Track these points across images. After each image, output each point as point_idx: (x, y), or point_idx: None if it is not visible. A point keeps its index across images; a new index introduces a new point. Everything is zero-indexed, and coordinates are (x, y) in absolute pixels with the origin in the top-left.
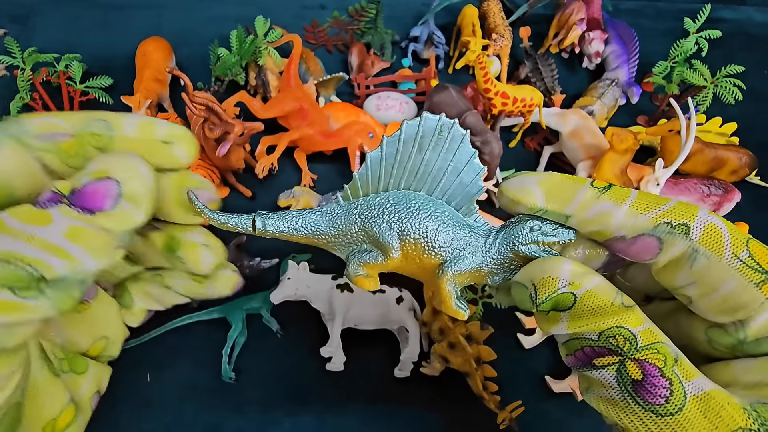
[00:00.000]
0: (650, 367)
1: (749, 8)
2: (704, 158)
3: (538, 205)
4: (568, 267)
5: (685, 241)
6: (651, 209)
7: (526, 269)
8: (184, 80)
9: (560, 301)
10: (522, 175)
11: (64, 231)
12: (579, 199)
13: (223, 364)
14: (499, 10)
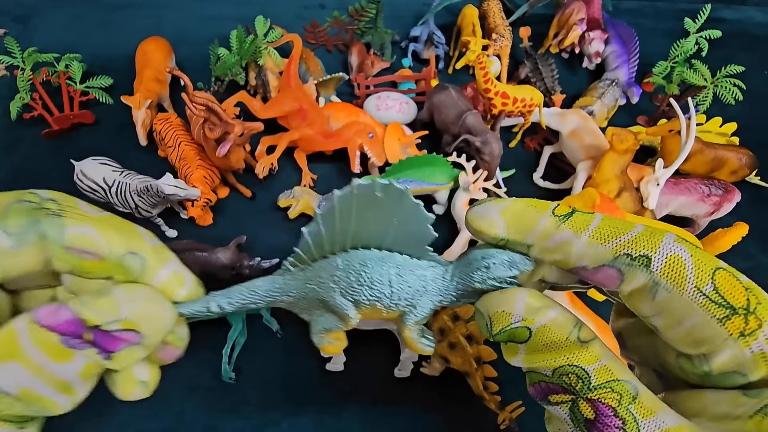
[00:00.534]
0: (603, 407)
1: (749, 8)
2: (704, 158)
3: (500, 235)
4: (523, 302)
5: (645, 273)
6: (611, 239)
7: (483, 300)
8: (184, 80)
9: (515, 334)
10: (485, 204)
11: (80, 370)
12: (539, 228)
13: (223, 365)
14: (499, 10)
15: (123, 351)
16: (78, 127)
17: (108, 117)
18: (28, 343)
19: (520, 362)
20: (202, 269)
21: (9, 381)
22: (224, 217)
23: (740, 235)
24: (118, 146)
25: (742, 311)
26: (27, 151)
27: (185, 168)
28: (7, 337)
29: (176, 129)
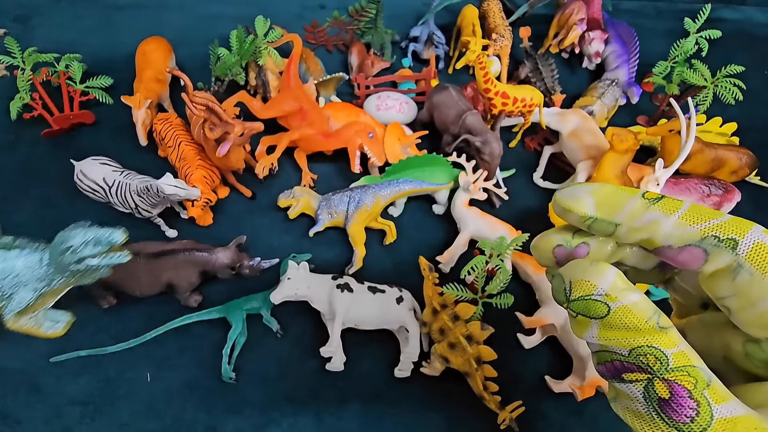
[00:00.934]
0: (679, 388)
1: (749, 8)
2: (704, 158)
3: (588, 213)
4: (610, 279)
5: (731, 255)
6: (700, 222)
7: (568, 266)
8: (184, 80)
9: (591, 307)
10: (574, 186)
11: None
12: (629, 208)
13: (224, 364)
14: (499, 10)
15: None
16: (78, 127)
17: (108, 117)
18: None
19: (593, 337)
20: (203, 269)
21: None
22: (224, 217)
23: None
24: (118, 146)
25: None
26: (27, 150)
27: (185, 168)
28: None
29: (176, 129)
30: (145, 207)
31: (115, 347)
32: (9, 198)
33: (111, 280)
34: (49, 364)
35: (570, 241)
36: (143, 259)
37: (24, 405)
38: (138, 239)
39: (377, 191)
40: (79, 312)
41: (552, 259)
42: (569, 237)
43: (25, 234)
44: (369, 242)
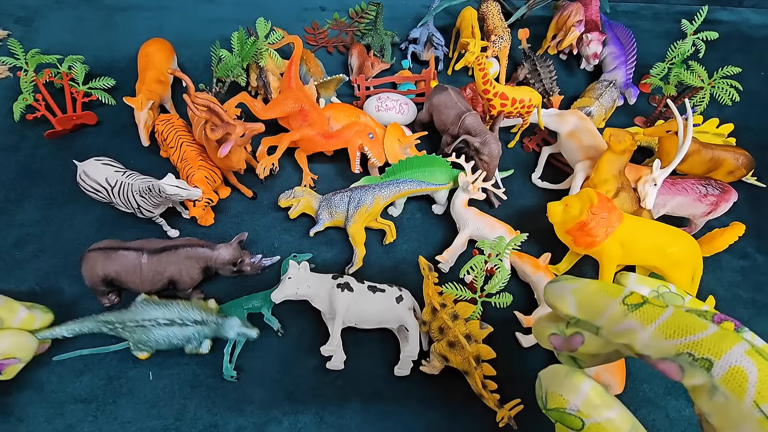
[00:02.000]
0: None
1: (746, 10)
2: (701, 159)
3: (571, 314)
4: (584, 394)
5: (705, 376)
6: (677, 336)
7: (546, 372)
8: (186, 81)
9: (567, 420)
10: (561, 282)
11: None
12: (608, 313)
13: (225, 363)
14: (497, 12)
15: (8, 368)
16: (80, 128)
17: (110, 118)
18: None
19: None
20: (205, 265)
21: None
22: (225, 217)
23: (737, 234)
24: (121, 147)
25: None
26: (30, 151)
27: (187, 168)
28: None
29: (178, 130)
30: (147, 207)
31: (117, 346)
32: (12, 198)
33: (114, 276)
34: (52, 362)
35: (564, 330)
36: (146, 255)
37: (27, 403)
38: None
39: (377, 191)
40: (80, 310)
41: (550, 345)
42: (563, 327)
43: (28, 233)
44: (369, 242)
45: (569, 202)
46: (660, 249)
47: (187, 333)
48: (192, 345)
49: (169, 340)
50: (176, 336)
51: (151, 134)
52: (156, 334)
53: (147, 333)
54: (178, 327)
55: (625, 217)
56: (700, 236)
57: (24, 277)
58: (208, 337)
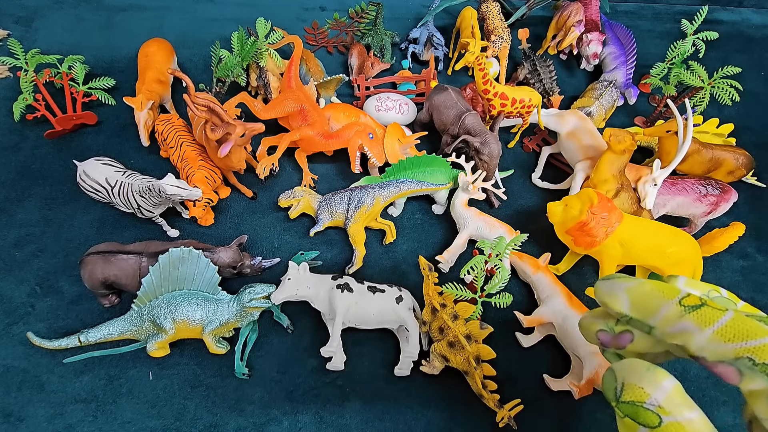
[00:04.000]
0: None
1: (746, 10)
2: (701, 159)
3: (624, 312)
4: (667, 390)
5: (766, 381)
6: (737, 340)
7: (624, 366)
8: (186, 81)
9: (642, 415)
10: (615, 280)
11: None
12: (663, 313)
13: (236, 360)
14: (497, 12)
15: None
16: (80, 128)
17: (110, 118)
18: None
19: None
20: None
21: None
22: (225, 217)
23: (737, 234)
24: (121, 147)
25: None
26: (30, 151)
27: (187, 168)
28: None
29: (178, 130)
30: (147, 207)
31: (128, 347)
32: (12, 198)
33: (113, 279)
34: (53, 362)
35: (613, 327)
36: (145, 259)
37: (27, 403)
38: (140, 239)
39: (377, 191)
40: (81, 312)
41: (597, 341)
42: (612, 323)
43: (28, 233)
44: (369, 242)
45: (569, 202)
46: (660, 249)
47: (210, 311)
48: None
49: (189, 316)
50: (197, 313)
51: (151, 134)
52: (182, 311)
53: (174, 309)
54: (202, 302)
55: (625, 217)
56: (700, 236)
57: (24, 277)
58: (225, 321)
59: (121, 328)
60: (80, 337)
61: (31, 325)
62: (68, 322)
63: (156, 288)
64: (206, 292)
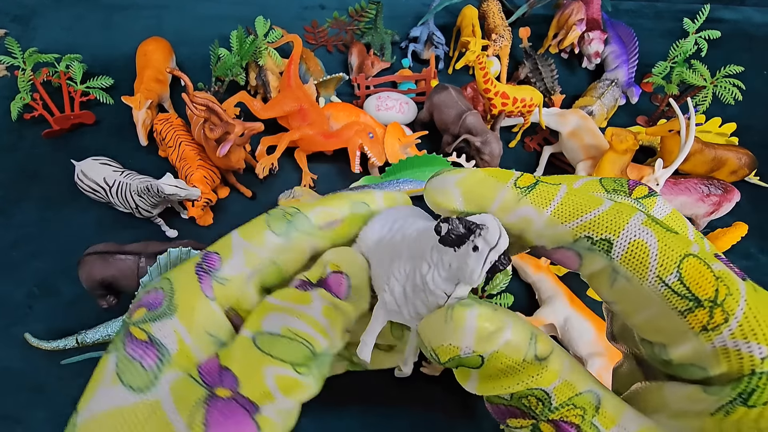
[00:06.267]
0: (566, 426)
1: (748, 8)
2: (704, 158)
3: (458, 208)
4: (472, 330)
5: (604, 259)
6: (573, 218)
7: (424, 328)
8: (185, 80)
9: (465, 362)
10: (443, 174)
11: (321, 310)
12: (499, 201)
13: None
14: (498, 11)
15: (347, 299)
16: (78, 128)
17: (108, 117)
18: (273, 299)
19: (474, 389)
20: None
21: (272, 324)
22: (225, 217)
23: (740, 235)
24: (119, 146)
25: (708, 303)
26: (28, 151)
27: (186, 168)
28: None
29: (177, 129)
30: (146, 207)
31: None
32: (9, 198)
33: (111, 280)
34: (51, 364)
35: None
36: (144, 260)
37: (25, 404)
38: (138, 239)
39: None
40: (80, 313)
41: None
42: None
43: (25, 233)
44: None
45: None
46: None
47: None
48: None
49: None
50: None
51: (150, 134)
52: None
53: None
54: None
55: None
56: None
57: (22, 277)
58: None
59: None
60: (78, 338)
61: (29, 326)
62: (66, 323)
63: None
64: None
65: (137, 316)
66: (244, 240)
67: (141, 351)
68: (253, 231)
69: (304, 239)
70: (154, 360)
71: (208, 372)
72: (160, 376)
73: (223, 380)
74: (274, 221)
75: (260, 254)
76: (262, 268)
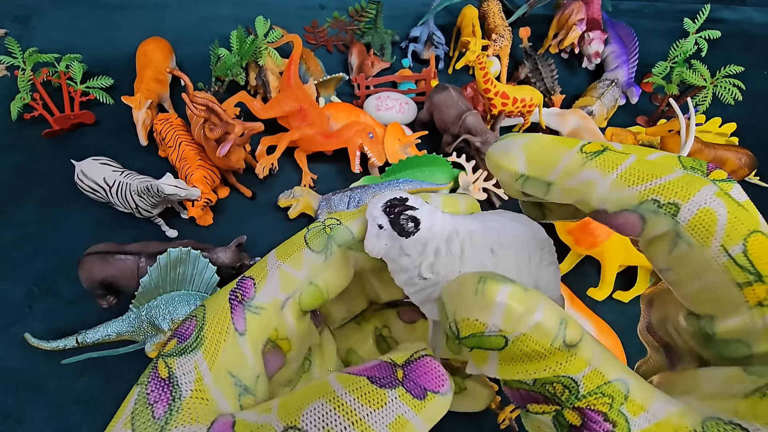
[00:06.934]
0: (592, 414)
1: (749, 8)
2: (704, 158)
3: (519, 171)
4: (502, 307)
5: (669, 222)
6: (641, 182)
7: (449, 294)
8: (185, 80)
9: (486, 342)
10: (508, 138)
11: (391, 422)
12: (563, 164)
13: None
14: (498, 11)
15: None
16: (78, 127)
17: (108, 117)
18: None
19: (492, 371)
20: None
21: (315, 423)
22: (224, 217)
23: None
24: (119, 146)
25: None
26: (27, 150)
27: (186, 168)
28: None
29: (177, 129)
30: (146, 207)
31: (126, 349)
32: (9, 198)
33: (111, 280)
34: (51, 364)
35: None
36: (144, 259)
37: (24, 404)
38: (138, 239)
39: (377, 191)
40: (79, 313)
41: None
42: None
43: (25, 233)
44: None
45: None
46: None
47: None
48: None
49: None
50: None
51: (150, 134)
52: (180, 312)
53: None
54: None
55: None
56: None
57: (21, 277)
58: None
59: (119, 329)
60: (78, 338)
61: (29, 326)
62: (66, 322)
63: (154, 288)
64: (205, 293)
65: (168, 348)
66: (279, 261)
67: (157, 393)
68: (289, 249)
69: (346, 254)
70: (164, 408)
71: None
72: (167, 429)
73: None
74: (312, 237)
75: (298, 276)
76: (300, 291)
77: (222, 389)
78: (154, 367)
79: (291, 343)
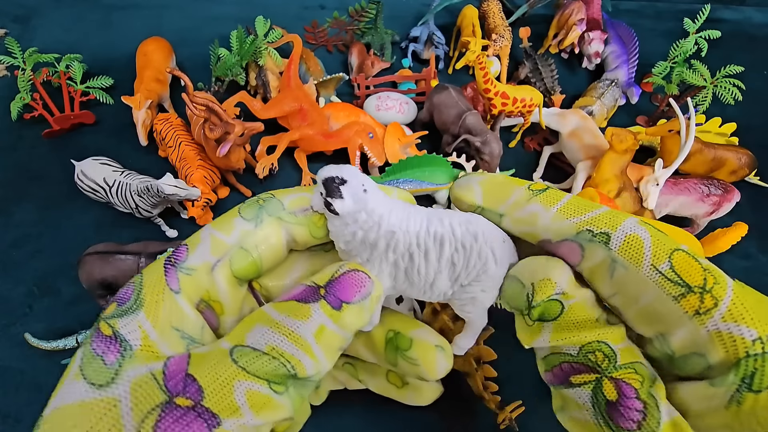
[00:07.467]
0: (627, 388)
1: (749, 9)
2: (704, 158)
3: (476, 203)
4: (567, 274)
5: (604, 250)
6: (576, 215)
7: (523, 267)
8: (185, 80)
9: (548, 309)
10: (469, 176)
11: (316, 329)
12: (513, 198)
13: None
14: (498, 11)
15: (357, 304)
16: (78, 127)
17: (108, 117)
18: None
19: (545, 341)
20: None
21: (258, 338)
22: None
23: (739, 235)
24: (119, 146)
25: (698, 290)
26: (27, 151)
27: (186, 168)
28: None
29: (177, 129)
30: (146, 207)
31: None
32: (9, 198)
33: (111, 280)
34: (51, 363)
35: None
36: (144, 259)
37: (24, 404)
38: (138, 239)
39: None
40: (79, 313)
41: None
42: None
43: (25, 233)
44: None
45: None
46: None
47: None
48: None
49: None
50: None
51: (150, 134)
52: None
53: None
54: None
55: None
56: (702, 236)
57: (21, 277)
58: None
59: None
60: (78, 338)
61: (29, 326)
62: (66, 323)
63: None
64: None
65: (108, 312)
66: (213, 228)
67: (104, 346)
68: (223, 219)
69: (276, 224)
70: (115, 356)
71: (172, 377)
72: (122, 373)
73: (187, 389)
74: (245, 207)
75: (227, 241)
76: (230, 256)
77: (169, 342)
78: (96, 329)
79: (223, 306)
